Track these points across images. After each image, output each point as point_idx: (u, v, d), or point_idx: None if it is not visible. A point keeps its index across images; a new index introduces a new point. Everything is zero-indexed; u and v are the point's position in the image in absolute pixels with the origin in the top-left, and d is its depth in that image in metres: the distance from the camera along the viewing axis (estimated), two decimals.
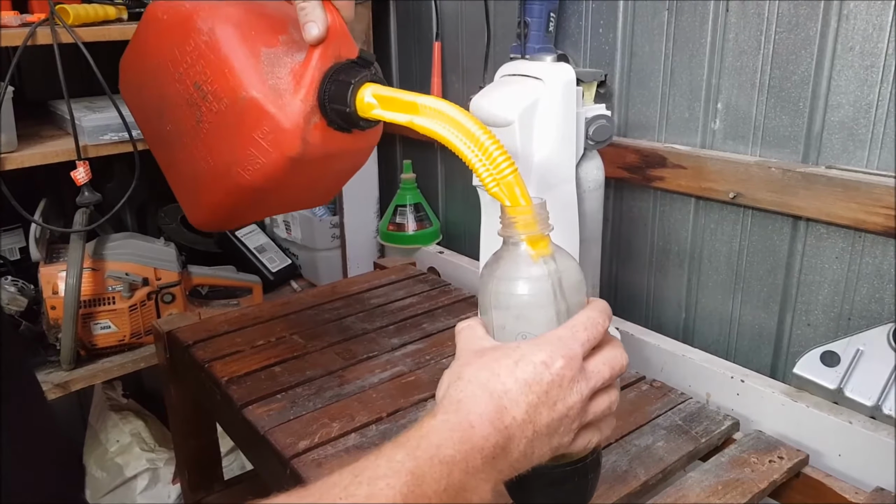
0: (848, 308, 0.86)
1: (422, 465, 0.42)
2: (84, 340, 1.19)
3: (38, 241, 1.18)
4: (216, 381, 0.89)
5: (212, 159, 0.69)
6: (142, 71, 0.76)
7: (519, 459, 0.45)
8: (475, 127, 0.53)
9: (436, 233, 1.44)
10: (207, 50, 0.66)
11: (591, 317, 0.50)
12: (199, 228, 0.82)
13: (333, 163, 0.71)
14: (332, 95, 0.63)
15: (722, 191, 0.92)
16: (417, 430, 0.44)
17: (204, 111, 0.68)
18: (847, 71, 0.81)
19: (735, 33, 0.90)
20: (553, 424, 0.46)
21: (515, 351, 0.47)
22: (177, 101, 0.70)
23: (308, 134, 0.64)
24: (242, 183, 0.67)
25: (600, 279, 0.92)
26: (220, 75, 0.65)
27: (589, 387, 0.48)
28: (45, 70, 1.11)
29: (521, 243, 0.51)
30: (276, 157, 0.64)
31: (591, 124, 0.79)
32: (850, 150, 0.82)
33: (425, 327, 1.03)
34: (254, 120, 0.64)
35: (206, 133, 0.69)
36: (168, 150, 0.77)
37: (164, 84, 0.71)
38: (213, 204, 0.74)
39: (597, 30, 1.06)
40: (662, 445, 0.77)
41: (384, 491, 0.40)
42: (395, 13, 1.45)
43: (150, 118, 0.79)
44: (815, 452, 0.77)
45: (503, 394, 0.45)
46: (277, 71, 0.64)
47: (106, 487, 1.43)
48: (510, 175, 0.51)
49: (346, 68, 0.64)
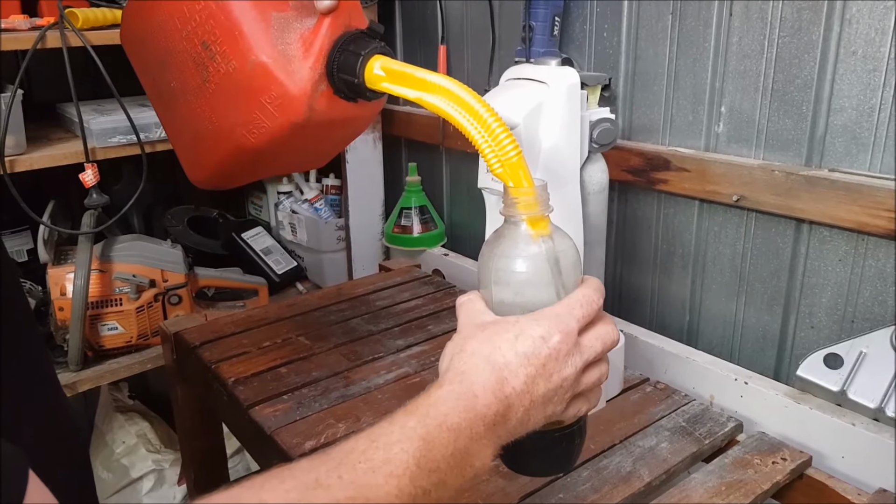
0: (851, 311, 0.86)
1: (431, 431, 0.44)
2: (91, 341, 1.20)
3: (46, 242, 1.19)
4: (223, 382, 0.90)
5: (216, 119, 0.69)
6: (147, 23, 0.75)
7: (516, 426, 0.48)
8: (482, 108, 0.53)
9: (441, 235, 1.45)
10: (217, 10, 0.65)
11: (587, 294, 0.52)
12: (197, 185, 0.82)
13: (336, 129, 0.71)
14: (340, 65, 0.63)
15: (725, 193, 0.93)
16: (426, 398, 0.47)
17: (211, 71, 0.67)
18: (850, 75, 0.81)
19: (738, 37, 0.90)
20: (548, 394, 0.49)
21: (515, 325, 0.50)
22: (183, 58, 0.70)
23: (314, 101, 0.64)
24: (246, 145, 0.67)
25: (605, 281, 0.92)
26: (230, 37, 0.65)
27: (583, 360, 0.50)
28: (54, 73, 1.12)
29: (522, 223, 0.52)
30: (281, 122, 0.65)
31: (595, 127, 0.79)
32: (852, 154, 0.83)
33: (430, 329, 1.03)
34: (261, 84, 0.64)
35: (211, 93, 0.68)
36: (170, 105, 0.77)
37: (170, 40, 0.71)
38: (213, 163, 0.74)
39: (601, 33, 1.06)
40: (666, 447, 0.77)
41: (399, 455, 0.43)
42: (400, 17, 1.46)
43: (151, 71, 0.78)
44: (818, 454, 0.78)
45: (504, 366, 0.48)
46: (287, 36, 0.64)
47: (112, 488, 1.44)
48: (515, 157, 0.52)
49: (356, 38, 0.63)
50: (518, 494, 0.70)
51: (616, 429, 0.80)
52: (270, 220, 1.65)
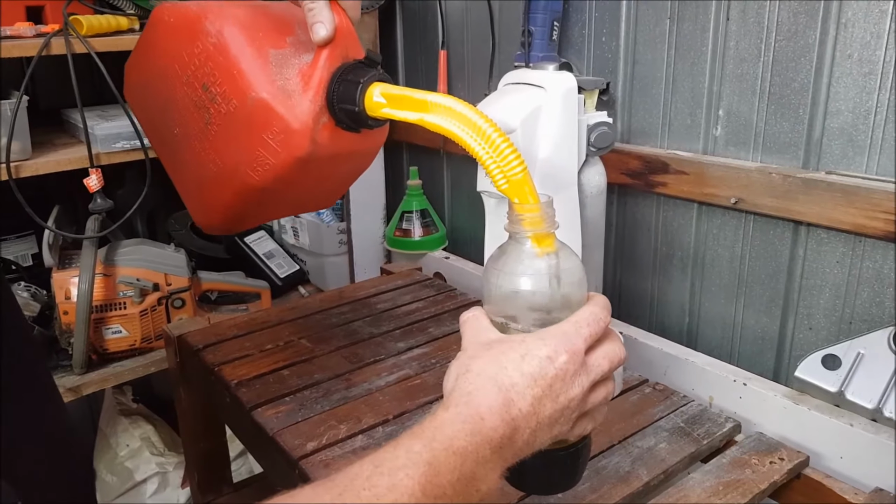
0: (849, 312, 0.87)
1: (438, 455, 0.44)
2: (96, 345, 1.21)
3: (51, 247, 1.20)
4: (225, 385, 0.90)
5: (220, 161, 0.69)
6: (148, 74, 0.76)
7: (522, 448, 0.48)
8: (486, 124, 0.53)
9: (442, 238, 1.45)
10: (216, 52, 0.65)
11: (594, 312, 0.51)
12: (206, 231, 0.82)
13: (340, 163, 0.71)
14: (340, 95, 0.63)
15: (724, 196, 0.94)
16: (431, 421, 0.46)
17: (213, 113, 0.67)
18: (846, 78, 0.82)
19: (736, 41, 0.91)
20: (555, 415, 0.48)
21: (521, 345, 0.49)
22: (185, 103, 0.70)
23: (317, 134, 0.63)
24: (251, 183, 0.67)
25: (604, 284, 0.93)
26: (229, 77, 0.65)
27: (589, 380, 0.50)
28: (58, 79, 1.13)
29: (527, 240, 0.52)
30: (284, 158, 0.64)
31: (592, 131, 0.80)
32: (849, 156, 0.83)
33: (431, 331, 1.04)
34: (263, 120, 0.63)
35: (214, 135, 0.68)
36: (175, 153, 0.76)
37: (171, 87, 0.71)
38: (220, 206, 0.73)
39: (600, 38, 1.07)
40: (664, 447, 0.77)
41: (404, 481, 0.42)
42: (401, 22, 1.47)
43: (156, 121, 0.78)
44: (816, 455, 0.78)
45: (510, 387, 0.47)
46: (286, 72, 0.64)
47: (116, 491, 1.45)
48: (520, 173, 0.52)
49: (354, 68, 0.63)
50: (517, 494, 0.70)
51: (615, 429, 0.80)
52: (273, 224, 1.66)
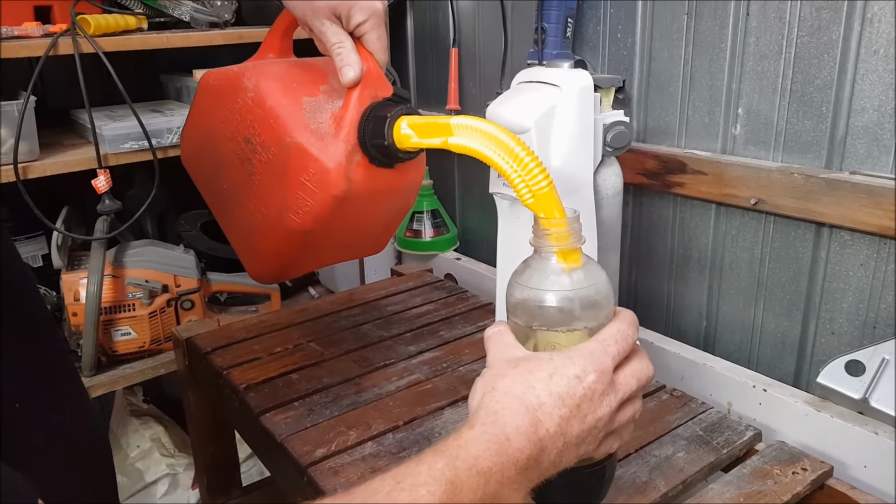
0: (873, 316, 0.84)
1: (460, 474, 0.43)
2: (105, 347, 1.20)
3: (59, 248, 1.19)
4: (234, 388, 0.89)
5: (265, 209, 0.72)
6: (200, 138, 0.80)
7: (548, 468, 0.47)
8: (510, 140, 0.53)
9: (453, 239, 1.44)
10: (254, 105, 0.70)
11: (622, 329, 0.50)
12: (259, 282, 0.85)
13: (379, 201, 0.73)
14: (370, 132, 0.65)
15: (743, 197, 0.91)
16: (456, 439, 0.45)
17: (255, 163, 0.71)
18: (871, 75, 0.79)
19: (756, 37, 0.88)
20: (582, 435, 0.48)
21: (549, 363, 0.48)
22: (230, 158, 0.74)
23: (351, 172, 0.66)
24: (293, 227, 0.70)
25: (620, 286, 0.91)
26: (267, 126, 0.69)
27: (617, 399, 0.49)
28: (66, 80, 1.12)
29: (553, 255, 0.51)
30: (322, 198, 0.67)
31: (608, 130, 0.78)
32: (874, 156, 0.81)
33: (442, 335, 1.02)
34: (299, 164, 0.67)
35: (258, 184, 0.72)
36: (227, 209, 0.80)
37: (218, 145, 0.75)
38: (268, 253, 0.76)
39: (615, 35, 1.05)
40: (683, 456, 0.75)
41: (425, 498, 0.41)
42: (412, 20, 1.45)
43: (210, 183, 0.83)
44: (839, 464, 0.76)
45: (538, 407, 0.46)
46: (319, 117, 0.68)
47: (127, 492, 1.44)
48: (546, 187, 0.51)
49: (382, 105, 0.66)
50: None
51: (631, 438, 0.78)
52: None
